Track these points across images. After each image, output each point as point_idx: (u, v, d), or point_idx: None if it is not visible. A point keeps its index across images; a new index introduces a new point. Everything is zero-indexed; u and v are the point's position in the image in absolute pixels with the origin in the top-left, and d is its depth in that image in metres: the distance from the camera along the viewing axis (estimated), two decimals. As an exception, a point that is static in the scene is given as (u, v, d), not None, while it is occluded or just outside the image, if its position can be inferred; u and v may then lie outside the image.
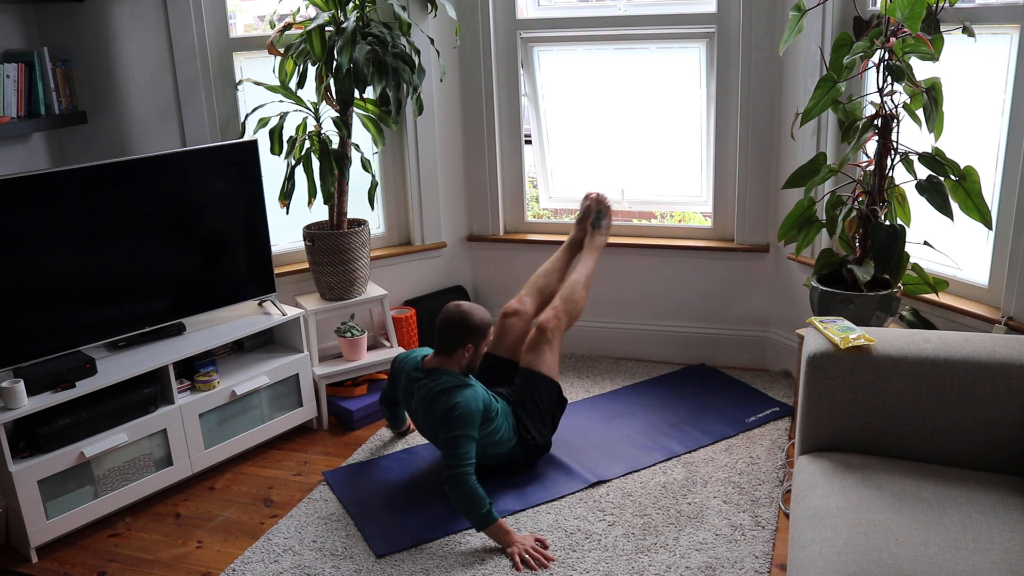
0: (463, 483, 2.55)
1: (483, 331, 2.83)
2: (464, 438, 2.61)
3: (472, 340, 2.79)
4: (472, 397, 2.69)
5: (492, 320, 2.86)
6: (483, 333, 2.83)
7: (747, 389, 3.50)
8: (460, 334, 2.78)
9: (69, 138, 3.31)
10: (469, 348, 2.79)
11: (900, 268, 2.70)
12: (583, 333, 3.93)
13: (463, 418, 2.63)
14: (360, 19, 3.20)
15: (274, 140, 3.25)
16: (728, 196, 3.66)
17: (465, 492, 2.54)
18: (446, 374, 2.77)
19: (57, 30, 3.20)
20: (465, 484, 2.55)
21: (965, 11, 2.73)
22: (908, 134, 2.78)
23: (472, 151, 3.89)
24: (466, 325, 2.79)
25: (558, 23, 3.72)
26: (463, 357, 2.80)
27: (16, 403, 2.58)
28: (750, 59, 3.38)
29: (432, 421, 2.72)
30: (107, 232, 2.88)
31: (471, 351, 2.80)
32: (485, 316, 2.85)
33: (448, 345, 2.79)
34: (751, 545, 2.52)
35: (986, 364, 2.04)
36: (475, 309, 2.83)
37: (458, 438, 2.60)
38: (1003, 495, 1.93)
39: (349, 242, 3.35)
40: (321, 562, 2.56)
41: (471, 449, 2.61)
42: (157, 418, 2.88)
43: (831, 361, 2.12)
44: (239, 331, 3.14)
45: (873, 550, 1.73)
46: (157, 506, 2.94)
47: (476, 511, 2.54)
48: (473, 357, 2.83)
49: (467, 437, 2.61)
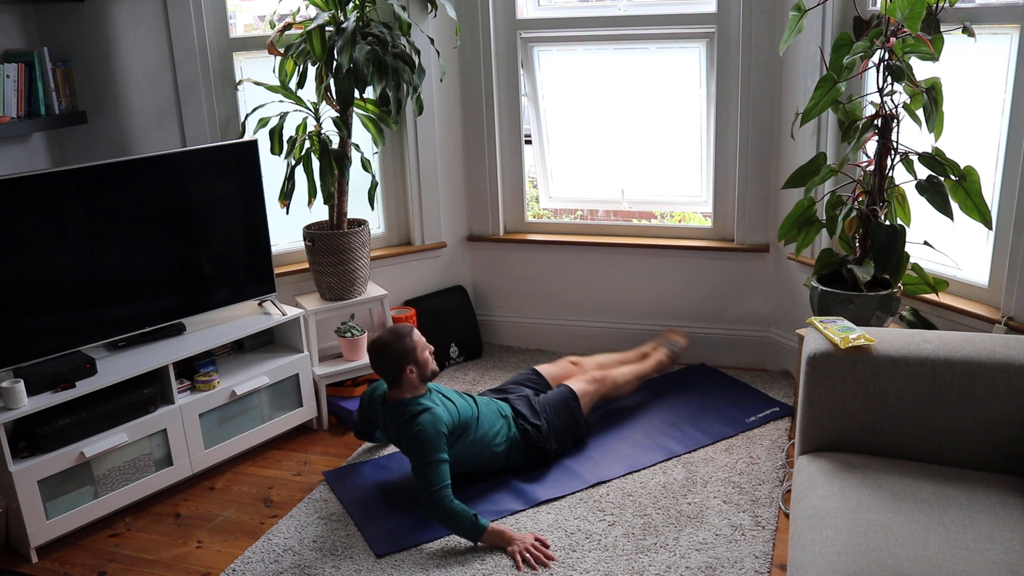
0: (440, 507, 2.57)
1: (409, 348, 2.79)
2: (431, 464, 2.62)
3: (406, 362, 2.78)
4: (430, 421, 2.69)
5: (410, 328, 2.84)
6: (410, 348, 2.79)
7: (747, 389, 3.50)
8: (392, 363, 2.78)
9: (69, 138, 3.31)
10: (410, 369, 2.79)
11: (900, 268, 2.70)
12: (583, 333, 3.94)
13: (426, 444, 2.64)
14: (360, 19, 3.20)
15: (274, 140, 3.25)
16: (728, 196, 3.65)
17: (445, 514, 2.57)
18: (403, 404, 2.77)
19: (57, 30, 3.20)
20: (443, 507, 2.57)
21: (965, 11, 2.73)
22: (908, 134, 2.78)
23: (472, 151, 3.89)
24: (390, 354, 2.78)
25: (558, 23, 3.72)
26: (410, 378, 2.79)
27: (16, 403, 2.58)
28: (750, 59, 3.38)
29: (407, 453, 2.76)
30: (107, 232, 2.88)
31: (413, 370, 2.79)
32: (401, 332, 2.82)
33: (390, 377, 2.80)
34: (751, 545, 2.52)
35: (986, 364, 2.04)
36: (389, 335, 2.81)
37: (425, 466, 2.62)
38: (1003, 495, 1.93)
39: (349, 242, 3.35)
40: (321, 562, 2.56)
41: (441, 472, 2.62)
42: (157, 418, 2.88)
43: (831, 361, 2.12)
44: (239, 331, 3.14)
45: (873, 550, 1.73)
46: (157, 506, 2.94)
47: (464, 526, 2.56)
48: (420, 371, 2.81)
49: (434, 463, 2.62)
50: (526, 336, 4.06)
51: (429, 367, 2.84)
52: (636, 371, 3.35)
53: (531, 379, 3.23)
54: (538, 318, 4.02)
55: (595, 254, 3.84)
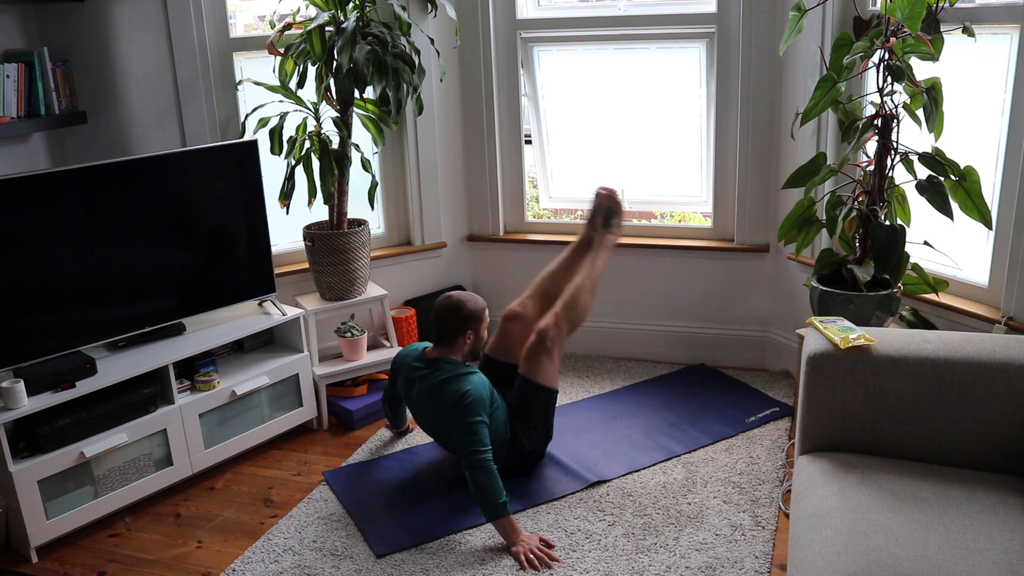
0: (486, 469, 2.55)
1: (479, 316, 2.85)
2: (479, 424, 2.62)
3: (471, 327, 2.82)
4: (479, 383, 2.72)
5: (486, 305, 2.90)
6: (480, 318, 2.85)
7: (747, 389, 3.50)
8: (458, 322, 2.80)
9: (69, 138, 3.31)
10: (469, 335, 2.82)
11: (900, 268, 2.70)
12: (583, 333, 3.93)
13: (475, 404, 2.64)
14: (360, 19, 3.20)
15: (274, 140, 3.25)
16: (728, 196, 3.65)
17: (487, 479, 2.54)
18: (448, 363, 2.79)
19: (57, 30, 3.20)
20: (488, 471, 2.55)
21: (965, 11, 2.73)
22: (908, 134, 2.78)
23: (472, 151, 3.89)
24: (462, 313, 2.81)
25: (558, 23, 3.72)
26: (464, 344, 2.82)
27: (16, 403, 2.58)
28: (750, 59, 3.38)
29: (439, 411, 2.73)
30: (107, 232, 2.88)
31: (471, 338, 2.83)
32: (480, 302, 2.88)
33: (447, 335, 2.81)
34: (751, 545, 2.52)
35: (986, 364, 2.04)
36: (468, 297, 2.86)
37: (474, 424, 2.61)
38: (1003, 495, 1.93)
39: (349, 242, 3.35)
40: (321, 562, 2.56)
41: (486, 434, 2.63)
42: (157, 418, 2.88)
43: (831, 361, 2.12)
44: (239, 331, 3.14)
45: (873, 550, 1.73)
46: (157, 506, 2.94)
47: (493, 500, 2.54)
48: (475, 343, 2.86)
49: (482, 422, 2.63)
50: (526, 336, 4.06)
51: (480, 344, 2.89)
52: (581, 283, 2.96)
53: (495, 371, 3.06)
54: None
55: (595, 254, 3.84)
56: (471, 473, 2.57)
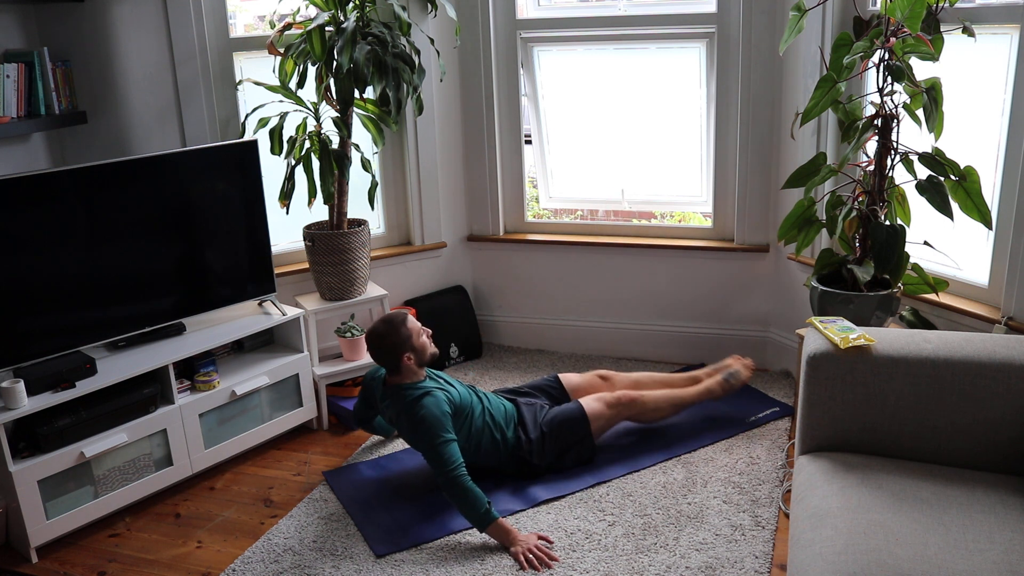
0: (457, 485, 2.58)
1: (403, 337, 2.80)
2: (441, 444, 2.63)
3: (401, 351, 2.79)
4: (433, 403, 2.71)
5: (404, 316, 2.85)
6: (404, 337, 2.80)
7: (747, 389, 3.50)
8: (388, 354, 2.80)
9: (69, 138, 3.31)
10: (407, 357, 2.80)
11: (900, 268, 2.70)
12: (583, 333, 3.94)
13: (432, 426, 2.66)
14: (360, 19, 3.20)
15: (274, 140, 3.25)
16: (728, 196, 3.65)
17: (461, 493, 2.57)
18: (404, 388, 2.79)
19: (57, 30, 3.20)
20: (459, 485, 2.57)
21: (965, 11, 2.73)
22: (908, 134, 2.78)
23: (472, 151, 3.89)
24: (385, 345, 2.79)
25: (558, 23, 3.72)
26: (409, 366, 2.81)
27: (16, 403, 2.58)
28: (750, 59, 3.38)
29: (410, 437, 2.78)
30: (107, 232, 2.88)
31: (411, 358, 2.81)
32: (395, 320, 2.83)
33: (389, 366, 2.82)
34: (751, 545, 2.52)
35: (986, 364, 2.04)
36: (384, 328, 2.81)
37: (436, 447, 2.63)
38: (1003, 495, 1.93)
39: (349, 242, 3.35)
40: (321, 562, 2.56)
41: (453, 451, 2.63)
42: (157, 418, 2.88)
43: (831, 361, 2.12)
44: (239, 331, 3.14)
45: (873, 550, 1.73)
46: (157, 506, 2.94)
47: (475, 510, 2.56)
48: (420, 356, 2.83)
49: (444, 442, 2.64)
50: (526, 336, 4.06)
51: (427, 352, 2.85)
52: (672, 396, 3.10)
53: (549, 387, 3.15)
54: (538, 318, 4.02)
55: (595, 254, 3.84)
56: (447, 492, 2.61)
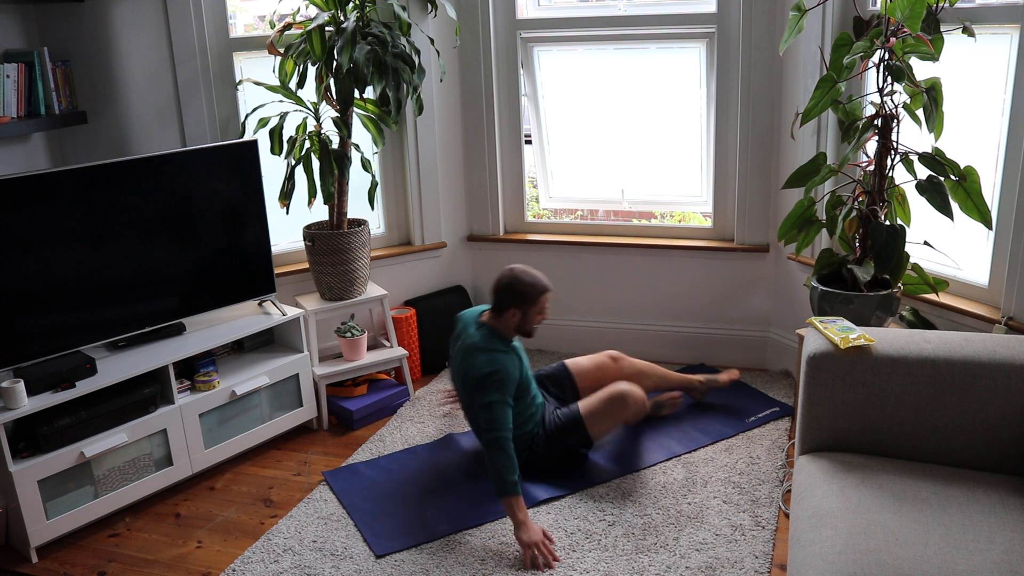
0: (500, 447, 2.57)
1: (529, 298, 2.79)
2: (499, 404, 2.62)
3: (516, 305, 2.79)
4: (508, 363, 2.71)
5: (546, 288, 2.83)
6: (529, 300, 2.79)
7: (747, 389, 3.50)
8: (506, 297, 2.80)
9: (69, 138, 3.31)
10: (514, 313, 2.80)
11: (900, 268, 2.70)
12: (584, 333, 3.94)
13: (501, 383, 2.65)
14: (360, 19, 3.20)
15: (274, 140, 3.25)
16: (728, 196, 3.66)
17: (501, 457, 2.56)
18: (491, 332, 2.80)
19: (57, 30, 3.20)
20: (502, 449, 2.57)
21: (965, 11, 2.73)
22: (908, 134, 2.78)
23: (472, 151, 3.89)
24: (512, 290, 2.80)
25: (558, 23, 3.72)
26: (510, 319, 2.81)
27: (16, 403, 2.58)
28: (750, 59, 3.38)
29: (463, 375, 2.76)
30: (107, 232, 2.88)
31: (517, 316, 2.80)
32: (537, 285, 2.81)
33: (496, 305, 2.83)
34: (751, 545, 2.52)
35: (986, 364, 2.04)
36: (527, 277, 2.81)
37: (493, 404, 2.62)
38: (1003, 495, 1.93)
39: (349, 242, 3.35)
40: (321, 562, 2.56)
41: (508, 416, 2.63)
42: (157, 418, 2.88)
43: (831, 361, 2.12)
44: (239, 331, 3.14)
45: (873, 550, 1.73)
46: (157, 506, 2.94)
47: (505, 477, 2.55)
48: (522, 322, 2.82)
49: (503, 403, 2.63)
50: (526, 336, 4.06)
51: (529, 328, 2.84)
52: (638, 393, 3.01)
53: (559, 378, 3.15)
54: (538, 318, 4.02)
55: (595, 254, 3.84)
56: (486, 449, 2.61)
